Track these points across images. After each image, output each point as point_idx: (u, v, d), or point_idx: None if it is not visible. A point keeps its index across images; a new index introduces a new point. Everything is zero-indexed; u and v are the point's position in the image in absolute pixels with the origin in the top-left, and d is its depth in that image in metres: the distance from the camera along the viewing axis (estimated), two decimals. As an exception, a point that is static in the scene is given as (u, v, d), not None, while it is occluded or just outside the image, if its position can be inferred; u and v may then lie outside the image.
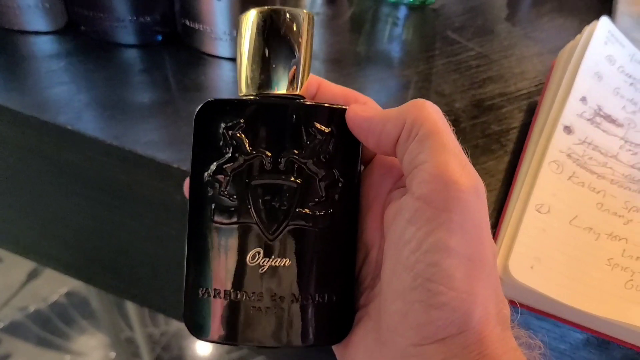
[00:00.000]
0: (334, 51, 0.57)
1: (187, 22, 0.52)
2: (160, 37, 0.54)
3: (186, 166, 0.42)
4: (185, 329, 0.29)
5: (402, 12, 0.64)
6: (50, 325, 1.38)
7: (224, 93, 0.50)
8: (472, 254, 0.23)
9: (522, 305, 0.36)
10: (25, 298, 1.44)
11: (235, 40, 0.51)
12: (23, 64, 0.50)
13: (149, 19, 0.52)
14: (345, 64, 0.55)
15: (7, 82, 0.48)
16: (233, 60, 0.53)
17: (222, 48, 0.52)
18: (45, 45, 0.53)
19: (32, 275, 1.47)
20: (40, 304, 1.43)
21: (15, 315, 1.40)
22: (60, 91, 0.48)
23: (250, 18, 0.28)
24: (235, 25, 0.51)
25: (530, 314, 0.37)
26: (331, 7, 0.64)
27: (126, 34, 0.53)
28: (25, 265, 1.46)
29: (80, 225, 0.56)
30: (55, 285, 1.45)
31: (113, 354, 1.35)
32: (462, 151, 0.25)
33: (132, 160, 0.44)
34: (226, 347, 1.34)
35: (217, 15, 0.50)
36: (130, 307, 1.31)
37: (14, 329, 1.37)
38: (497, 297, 0.24)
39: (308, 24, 0.29)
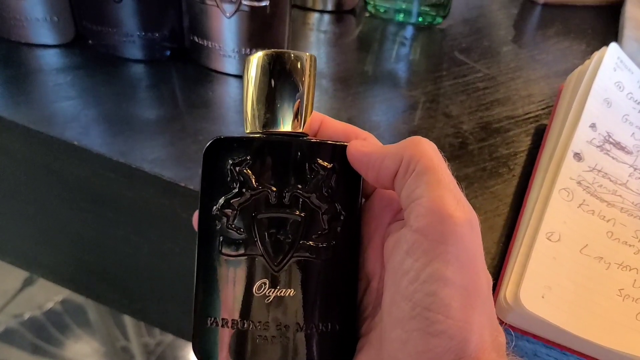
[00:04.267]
0: (342, 70, 0.57)
1: (196, 39, 0.52)
2: (168, 53, 0.54)
3: (193, 184, 0.42)
4: (180, 339, 0.29)
5: (410, 31, 0.64)
6: (45, 333, 1.37)
7: (231, 110, 0.50)
8: (468, 284, 0.24)
9: (531, 334, 0.35)
10: (20, 305, 1.42)
11: (243, 57, 0.51)
12: (30, 77, 0.50)
13: (157, 35, 0.52)
14: (352, 83, 0.55)
15: (14, 95, 0.48)
16: (241, 77, 0.53)
17: (230, 65, 0.52)
18: (52, 59, 0.53)
19: (28, 282, 1.46)
20: (35, 311, 1.41)
21: (10, 323, 1.38)
22: (67, 105, 0.48)
23: (256, 60, 0.30)
24: (243, 43, 0.51)
25: (538, 342, 0.37)
26: (339, 25, 0.64)
27: (134, 49, 0.53)
28: (21, 272, 1.45)
29: (84, 240, 0.56)
30: (51, 293, 1.44)
31: (107, 363, 1.34)
32: (457, 186, 0.26)
33: (139, 177, 0.44)
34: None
35: (226, 32, 0.50)
36: (127, 317, 1.30)
37: (8, 336, 1.36)
38: (492, 325, 0.25)
39: (310, 65, 0.30)
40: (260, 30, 0.50)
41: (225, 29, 0.50)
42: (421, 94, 0.54)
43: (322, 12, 0.66)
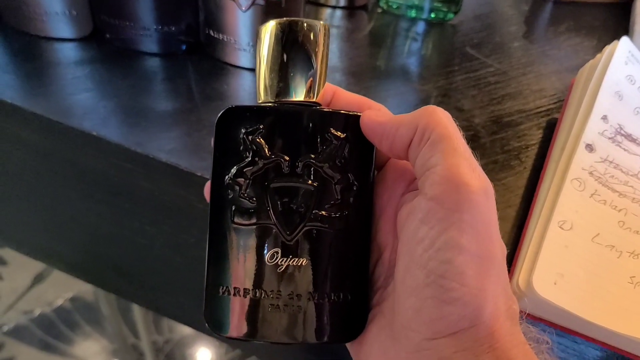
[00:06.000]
0: (354, 64, 0.57)
1: (211, 33, 0.53)
2: (184, 47, 0.54)
3: (209, 174, 0.43)
4: (189, 336, 0.29)
5: (421, 27, 0.65)
6: (55, 330, 1.38)
7: (246, 103, 0.51)
8: (483, 252, 0.24)
9: (543, 320, 0.36)
10: (30, 302, 1.43)
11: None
12: (49, 70, 0.51)
13: (173, 29, 0.53)
14: (364, 78, 0.55)
15: (34, 87, 0.49)
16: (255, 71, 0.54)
17: (244, 59, 0.53)
18: (70, 52, 0.53)
19: (38, 279, 1.47)
20: (45, 308, 1.42)
21: (20, 319, 1.39)
22: (85, 97, 0.48)
23: (270, 29, 0.29)
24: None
25: (549, 329, 0.37)
26: (351, 21, 0.65)
27: (151, 43, 0.53)
28: (31, 268, 1.46)
29: (99, 230, 0.57)
30: (61, 290, 1.45)
31: (116, 361, 1.35)
32: (472, 155, 0.26)
33: (155, 168, 0.45)
34: (227, 354, 1.34)
35: (241, 26, 0.51)
36: (136, 314, 1.31)
37: (18, 333, 1.37)
38: (506, 294, 0.25)
39: (324, 34, 0.30)
40: (274, 24, 0.51)
41: (241, 23, 0.50)
42: (433, 89, 0.55)
43: (334, 7, 0.67)
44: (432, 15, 0.65)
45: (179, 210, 0.48)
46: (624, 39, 0.48)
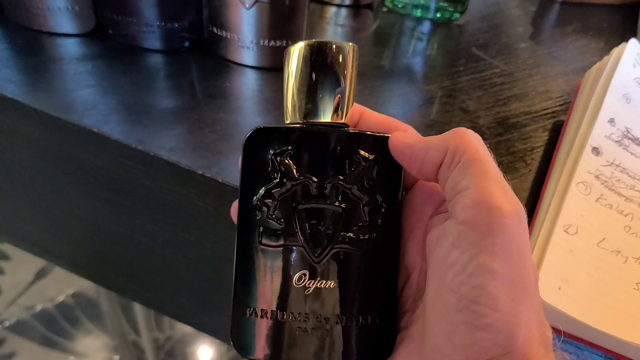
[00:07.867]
0: (359, 64, 0.56)
1: (215, 30, 0.52)
2: (187, 44, 0.54)
3: (210, 173, 0.42)
4: (190, 334, 0.29)
5: (427, 27, 0.64)
6: (56, 326, 1.38)
7: (248, 101, 0.50)
8: (515, 277, 0.24)
9: (547, 326, 0.35)
10: (32, 297, 1.44)
11: (261, 49, 0.52)
12: (51, 65, 0.51)
13: (176, 25, 0.52)
14: (369, 77, 0.55)
15: (35, 83, 0.48)
16: (259, 69, 0.53)
17: (248, 56, 0.53)
18: (73, 48, 0.53)
19: (40, 275, 1.47)
20: (46, 303, 1.43)
21: (21, 314, 1.40)
22: (87, 93, 0.48)
23: (298, 50, 0.29)
24: (262, 35, 0.51)
25: (555, 336, 0.37)
26: (356, 19, 0.65)
27: (153, 39, 0.53)
28: (33, 264, 1.47)
29: (99, 228, 0.56)
30: (63, 286, 1.46)
31: (117, 357, 1.35)
32: (503, 178, 0.25)
33: (156, 165, 0.44)
34: (228, 351, 1.34)
35: (245, 23, 0.50)
36: (138, 311, 1.31)
37: (19, 328, 1.37)
38: (540, 320, 0.24)
39: (352, 56, 0.30)
40: (278, 22, 0.50)
41: (244, 20, 0.50)
42: (438, 89, 0.54)
43: (339, 6, 0.66)
44: (438, 14, 0.64)
45: (180, 209, 0.48)
46: (633, 41, 0.47)
